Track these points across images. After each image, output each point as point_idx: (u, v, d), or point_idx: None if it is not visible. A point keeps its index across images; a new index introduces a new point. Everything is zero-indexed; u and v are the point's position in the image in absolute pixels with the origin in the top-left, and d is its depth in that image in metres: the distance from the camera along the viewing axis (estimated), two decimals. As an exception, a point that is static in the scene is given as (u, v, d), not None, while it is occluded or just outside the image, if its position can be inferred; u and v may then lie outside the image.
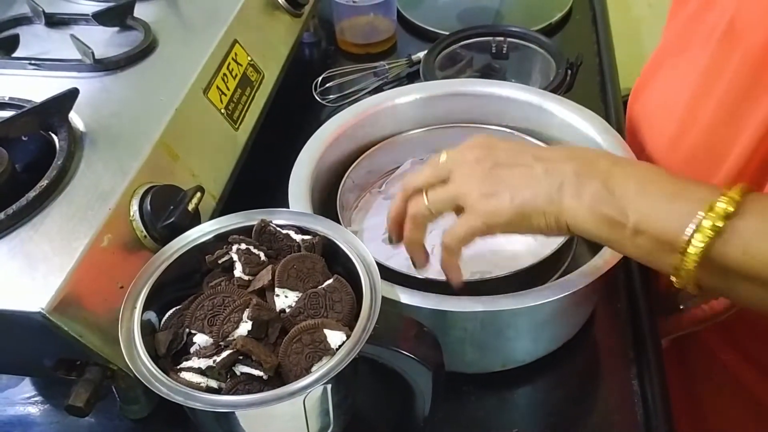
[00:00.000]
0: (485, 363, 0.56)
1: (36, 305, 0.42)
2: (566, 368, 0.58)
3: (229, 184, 0.62)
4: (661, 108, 0.67)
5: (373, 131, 0.69)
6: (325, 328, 0.41)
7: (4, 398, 0.58)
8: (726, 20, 0.55)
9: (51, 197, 0.49)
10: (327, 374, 0.39)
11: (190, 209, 0.52)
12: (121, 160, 0.52)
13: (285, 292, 0.44)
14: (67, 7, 0.70)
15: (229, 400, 0.39)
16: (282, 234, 0.47)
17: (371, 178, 0.71)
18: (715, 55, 0.57)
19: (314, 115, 0.84)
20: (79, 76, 0.61)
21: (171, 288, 0.46)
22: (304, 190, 0.60)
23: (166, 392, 0.39)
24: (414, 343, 0.44)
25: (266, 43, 0.73)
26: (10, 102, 0.57)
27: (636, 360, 0.58)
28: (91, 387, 0.47)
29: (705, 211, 0.40)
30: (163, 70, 0.62)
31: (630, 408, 0.55)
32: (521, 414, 0.57)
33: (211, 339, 0.42)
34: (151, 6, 0.70)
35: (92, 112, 0.57)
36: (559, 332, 0.58)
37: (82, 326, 0.44)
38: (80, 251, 0.46)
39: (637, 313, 0.61)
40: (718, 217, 0.39)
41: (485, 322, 0.52)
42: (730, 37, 0.55)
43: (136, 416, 0.54)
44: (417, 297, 0.50)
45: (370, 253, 0.46)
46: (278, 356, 0.41)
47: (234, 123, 0.65)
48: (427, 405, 0.47)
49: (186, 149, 0.57)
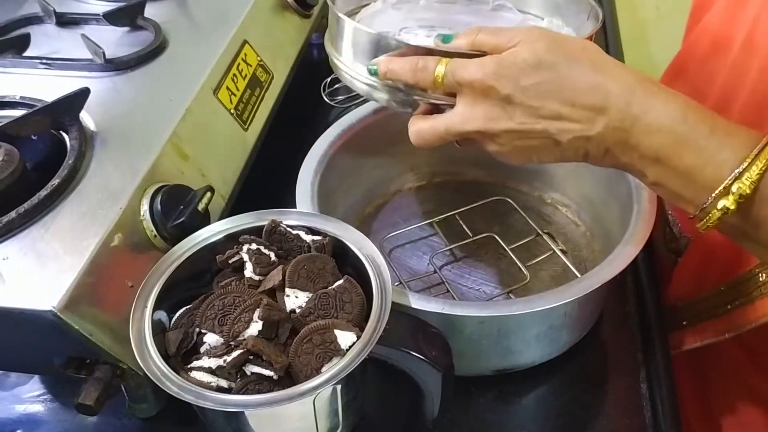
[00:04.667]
0: (493, 365, 0.56)
1: (47, 303, 0.42)
2: (575, 371, 0.58)
3: (238, 185, 0.62)
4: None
5: (382, 132, 0.69)
6: (336, 328, 0.41)
7: (13, 396, 0.58)
8: (745, 31, 0.54)
9: (62, 196, 0.49)
10: (337, 375, 0.39)
11: (200, 209, 0.52)
12: (132, 160, 0.53)
13: (295, 293, 0.44)
14: (78, 7, 0.71)
15: (240, 400, 0.39)
16: (292, 234, 0.47)
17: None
18: (734, 66, 0.56)
19: (323, 116, 0.84)
20: (89, 75, 0.61)
21: (181, 287, 0.46)
22: (311, 191, 0.60)
23: (177, 391, 0.39)
24: (423, 345, 0.44)
25: (276, 44, 0.74)
26: (21, 101, 0.57)
27: (644, 363, 0.58)
28: (101, 385, 0.47)
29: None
30: (174, 70, 0.62)
31: (638, 411, 0.55)
32: (529, 416, 0.57)
33: (222, 339, 0.42)
34: (162, 6, 0.70)
35: (103, 112, 0.57)
36: (568, 335, 0.58)
37: (92, 325, 0.44)
38: (91, 250, 0.46)
39: (646, 316, 0.61)
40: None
41: (493, 326, 0.52)
42: (748, 49, 0.54)
43: (144, 415, 0.54)
44: (426, 301, 0.50)
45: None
46: (288, 356, 0.41)
47: (243, 123, 0.65)
48: (436, 406, 0.47)
49: (196, 149, 0.57)
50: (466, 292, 0.64)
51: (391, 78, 0.51)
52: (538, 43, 0.45)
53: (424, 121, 0.50)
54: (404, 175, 0.76)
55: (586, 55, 0.45)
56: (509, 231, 0.69)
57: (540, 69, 0.44)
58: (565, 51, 0.45)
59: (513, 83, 0.45)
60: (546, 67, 0.44)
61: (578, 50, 0.45)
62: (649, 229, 0.55)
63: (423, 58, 0.49)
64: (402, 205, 0.74)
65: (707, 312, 0.60)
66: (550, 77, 0.44)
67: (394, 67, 0.50)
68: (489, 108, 0.46)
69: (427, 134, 0.50)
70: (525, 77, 0.45)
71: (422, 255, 0.68)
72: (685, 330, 0.63)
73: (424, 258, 0.68)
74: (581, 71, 0.44)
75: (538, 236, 0.68)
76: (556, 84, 0.44)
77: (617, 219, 0.61)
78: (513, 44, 0.46)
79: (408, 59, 0.50)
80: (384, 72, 0.51)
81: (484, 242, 0.68)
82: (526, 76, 0.45)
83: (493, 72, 0.45)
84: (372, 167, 0.72)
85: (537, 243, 0.68)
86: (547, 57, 0.44)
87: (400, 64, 0.50)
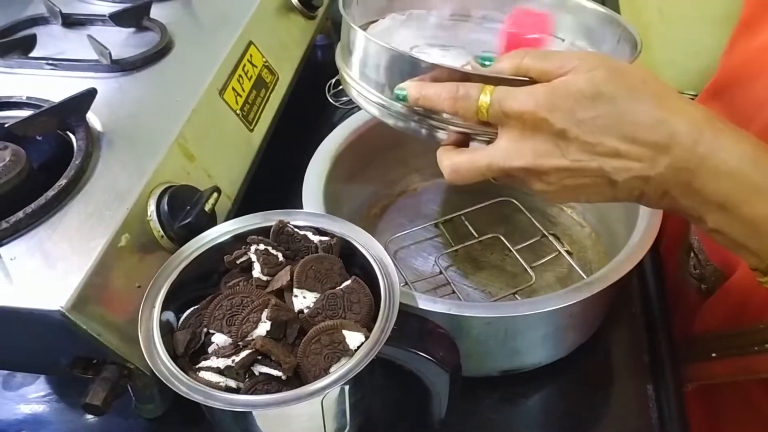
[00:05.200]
0: (500, 366, 0.56)
1: (55, 304, 0.42)
2: (581, 372, 0.58)
3: (244, 185, 0.62)
4: None
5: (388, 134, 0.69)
6: (344, 329, 0.41)
7: (19, 396, 0.58)
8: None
9: (69, 196, 0.49)
10: (346, 375, 0.39)
11: (207, 210, 0.52)
12: (138, 161, 0.53)
13: (303, 293, 0.44)
14: (84, 8, 0.71)
15: (248, 400, 0.39)
16: (300, 235, 0.47)
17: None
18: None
19: (328, 117, 0.84)
20: (95, 76, 0.61)
21: (189, 288, 0.46)
22: (317, 192, 0.60)
23: (185, 391, 0.39)
24: (431, 345, 0.44)
25: (281, 45, 0.74)
26: (27, 101, 0.57)
27: (650, 364, 0.58)
28: (108, 385, 0.47)
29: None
30: (180, 71, 0.62)
31: (644, 412, 0.55)
32: (535, 417, 0.57)
33: (230, 339, 0.42)
34: (167, 7, 0.70)
35: (109, 112, 0.57)
36: (574, 336, 0.58)
37: (100, 325, 0.44)
38: (98, 251, 0.46)
39: (652, 317, 0.61)
40: None
41: (501, 326, 0.52)
42: None
43: (151, 415, 0.54)
44: (432, 302, 0.50)
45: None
46: (297, 357, 0.41)
47: (249, 124, 0.65)
48: (443, 407, 0.47)
49: (202, 150, 0.57)
50: (472, 293, 0.64)
51: (425, 105, 0.46)
52: (596, 71, 0.41)
53: (459, 155, 0.45)
54: (409, 176, 0.76)
55: (648, 87, 0.41)
56: (514, 232, 0.69)
57: (598, 101, 0.40)
58: (626, 81, 0.41)
59: (568, 116, 0.40)
60: (605, 99, 0.40)
61: (639, 81, 0.41)
62: (655, 230, 0.55)
63: (463, 85, 0.44)
64: (407, 206, 0.74)
65: (741, 347, 0.57)
66: (610, 111, 0.40)
67: (429, 94, 0.45)
68: (539, 143, 0.42)
69: (466, 171, 0.45)
70: (582, 110, 0.40)
71: (427, 256, 0.68)
72: (713, 362, 0.60)
73: (429, 259, 0.68)
74: (644, 105, 0.40)
75: (544, 237, 0.68)
76: (615, 118, 0.40)
77: (622, 220, 0.61)
78: (565, 71, 0.41)
79: (445, 85, 0.44)
80: (416, 98, 0.46)
81: (489, 243, 0.68)
82: (583, 109, 0.40)
83: (546, 103, 0.41)
84: (377, 168, 0.72)
85: (542, 244, 0.68)
86: (607, 88, 0.40)
87: (435, 91, 0.45)
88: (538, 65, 0.43)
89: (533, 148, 0.42)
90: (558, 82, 0.41)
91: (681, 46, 1.53)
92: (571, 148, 0.41)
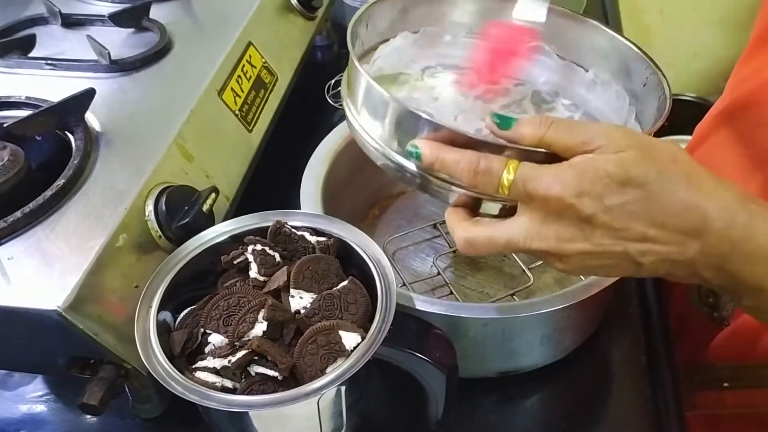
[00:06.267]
0: (497, 367, 0.56)
1: (52, 303, 0.42)
2: (578, 374, 0.58)
3: (243, 186, 0.62)
4: (730, 165, 0.60)
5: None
6: (340, 329, 0.41)
7: (17, 396, 0.58)
8: None
9: (67, 196, 0.49)
10: (342, 375, 0.39)
11: (205, 210, 0.52)
12: (137, 161, 0.53)
13: (300, 294, 0.44)
14: (83, 8, 0.71)
15: (245, 400, 0.39)
16: (297, 235, 0.47)
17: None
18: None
19: (326, 118, 0.84)
20: (95, 76, 0.61)
21: (186, 288, 0.46)
22: (315, 193, 0.60)
23: (181, 391, 0.39)
24: (428, 346, 0.44)
25: (280, 46, 0.74)
26: (26, 101, 0.57)
27: (648, 365, 0.58)
28: (105, 385, 0.47)
29: None
30: (179, 71, 0.62)
31: (642, 413, 0.55)
32: (533, 418, 0.57)
33: (226, 339, 0.42)
34: (167, 7, 0.71)
35: (108, 113, 0.57)
36: (572, 338, 0.58)
37: (97, 325, 0.45)
38: (96, 250, 0.46)
39: (649, 318, 0.61)
40: None
41: (498, 328, 0.52)
42: None
43: (148, 415, 0.54)
44: (429, 303, 0.51)
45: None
46: (293, 357, 0.41)
47: (248, 125, 0.65)
48: (440, 408, 0.47)
49: (200, 150, 0.57)
50: (470, 294, 0.64)
51: (441, 171, 0.43)
52: (625, 153, 0.38)
53: (475, 229, 0.43)
54: (408, 177, 0.76)
55: (679, 167, 0.39)
56: (513, 233, 0.69)
57: (628, 186, 0.38)
58: (657, 163, 0.38)
59: (596, 203, 0.38)
60: (635, 184, 0.38)
61: (669, 161, 0.39)
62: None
63: (485, 157, 0.41)
64: (406, 207, 0.74)
65: (757, 380, 0.56)
66: (640, 196, 0.38)
67: (447, 160, 0.42)
68: (563, 228, 0.40)
69: (482, 246, 0.43)
70: (611, 195, 0.38)
71: (425, 257, 0.68)
72: (724, 392, 0.59)
73: (427, 260, 0.68)
74: (674, 188, 0.38)
75: (542, 239, 0.68)
76: (645, 204, 0.38)
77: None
78: (590, 148, 0.39)
79: (465, 154, 0.41)
80: (431, 162, 0.43)
81: (487, 244, 0.68)
82: (612, 195, 0.38)
83: (574, 188, 0.38)
84: (376, 169, 0.71)
85: (541, 245, 0.68)
86: (637, 171, 0.38)
87: (453, 158, 0.42)
88: (562, 140, 0.40)
89: (557, 232, 0.40)
90: (585, 164, 0.39)
91: (682, 47, 1.54)
92: (597, 233, 0.39)
